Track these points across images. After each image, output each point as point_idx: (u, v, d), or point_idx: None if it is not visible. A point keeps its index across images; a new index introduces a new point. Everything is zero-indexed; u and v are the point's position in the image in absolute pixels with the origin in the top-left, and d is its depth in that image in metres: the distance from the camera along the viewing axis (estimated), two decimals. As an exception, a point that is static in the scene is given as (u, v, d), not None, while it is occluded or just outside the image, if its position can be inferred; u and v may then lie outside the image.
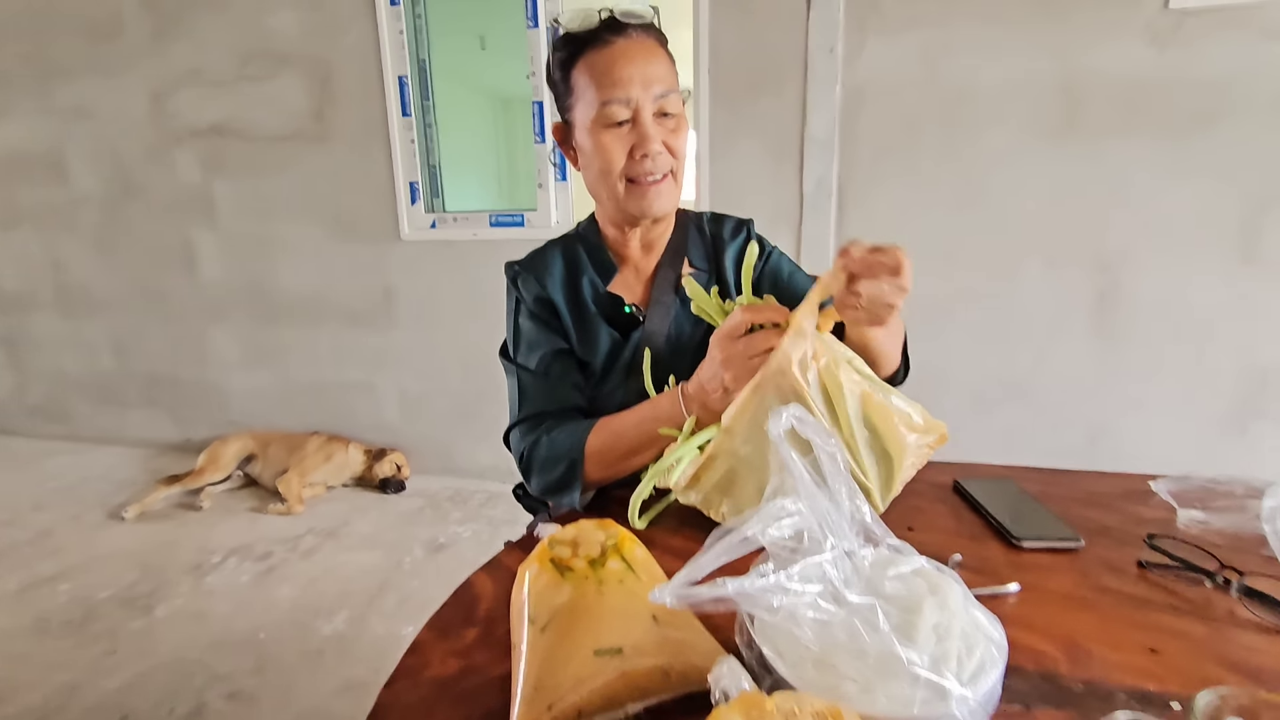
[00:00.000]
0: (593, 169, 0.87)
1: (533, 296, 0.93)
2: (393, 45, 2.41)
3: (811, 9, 2.03)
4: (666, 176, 0.87)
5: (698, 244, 0.99)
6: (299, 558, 2.16)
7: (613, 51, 0.82)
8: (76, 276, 3.04)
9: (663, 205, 0.87)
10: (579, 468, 0.81)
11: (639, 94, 0.82)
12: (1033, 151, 1.98)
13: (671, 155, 0.86)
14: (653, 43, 0.85)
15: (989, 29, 1.93)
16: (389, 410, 2.79)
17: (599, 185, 0.88)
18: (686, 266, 0.98)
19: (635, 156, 0.84)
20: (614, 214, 0.91)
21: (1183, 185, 1.90)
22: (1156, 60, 1.84)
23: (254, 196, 2.71)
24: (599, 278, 0.94)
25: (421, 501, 2.54)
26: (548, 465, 0.83)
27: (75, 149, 2.87)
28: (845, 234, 2.17)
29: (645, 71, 0.82)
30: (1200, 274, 1.94)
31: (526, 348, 0.92)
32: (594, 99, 0.82)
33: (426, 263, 2.58)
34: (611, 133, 0.83)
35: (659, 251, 0.97)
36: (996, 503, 0.76)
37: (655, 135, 0.83)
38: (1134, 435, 2.07)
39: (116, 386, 3.14)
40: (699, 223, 1.02)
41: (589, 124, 0.84)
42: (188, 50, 2.61)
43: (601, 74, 0.82)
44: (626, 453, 0.80)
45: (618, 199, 0.87)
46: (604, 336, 0.93)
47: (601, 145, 0.84)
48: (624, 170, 0.85)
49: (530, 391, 0.91)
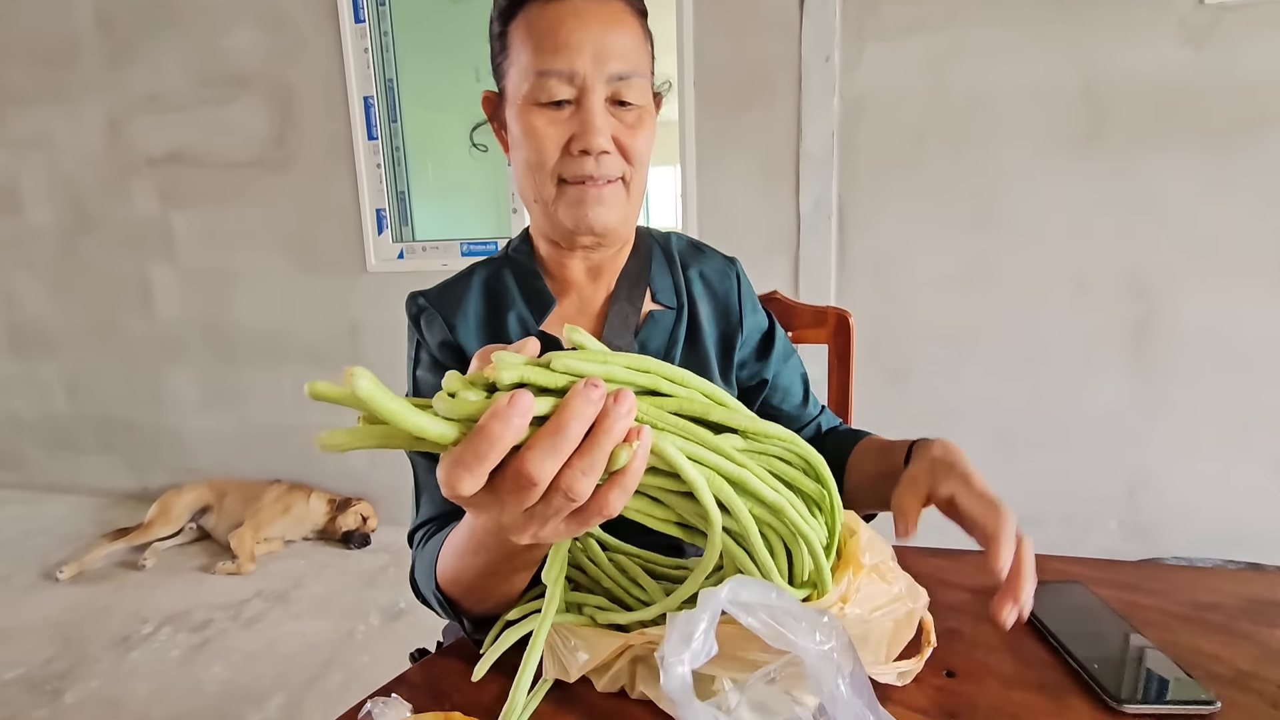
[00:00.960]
0: (519, 159, 0.64)
1: (437, 342, 0.70)
2: (357, 64, 2.25)
3: (805, 14, 1.86)
4: (615, 183, 0.63)
5: (665, 273, 0.75)
6: (239, 627, 1.91)
7: (562, 9, 0.59)
8: (29, 315, 2.86)
9: (604, 217, 0.63)
10: (445, 603, 0.59)
11: (587, 68, 0.59)
12: (1055, 165, 1.78)
13: (624, 158, 0.63)
14: (620, 6, 0.62)
15: (1001, 31, 1.75)
16: (355, 456, 2.56)
17: (525, 183, 0.65)
18: (649, 301, 0.74)
19: (573, 151, 0.61)
20: (544, 223, 0.68)
21: (1227, 201, 1.68)
22: (1193, 61, 1.65)
23: (213, 227, 2.53)
24: (530, 314, 0.70)
25: (386, 558, 2.30)
26: (422, 597, 0.64)
27: (30, 180, 2.71)
28: (848, 258, 1.96)
29: (602, 41, 0.59)
30: (1250, 301, 1.71)
31: None
32: (529, 66, 0.60)
33: (394, 295, 2.38)
34: (545, 114, 0.60)
35: (611, 279, 0.73)
36: (1071, 628, 0.53)
37: (603, 127, 0.60)
38: (1182, 483, 1.83)
39: (70, 431, 2.93)
40: (667, 246, 0.78)
41: (520, 99, 0.61)
42: (145, 75, 2.47)
43: (542, 35, 0.59)
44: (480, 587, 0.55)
45: (546, 203, 0.64)
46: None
47: (531, 129, 0.61)
48: (556, 166, 0.62)
49: (425, 486, 0.70)
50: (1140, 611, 0.57)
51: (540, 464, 0.33)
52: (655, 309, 0.73)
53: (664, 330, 0.73)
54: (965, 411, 1.95)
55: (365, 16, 2.22)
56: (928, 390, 1.97)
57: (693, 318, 0.75)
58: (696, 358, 0.74)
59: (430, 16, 2.28)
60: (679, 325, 0.74)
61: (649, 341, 0.73)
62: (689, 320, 0.74)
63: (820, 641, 0.24)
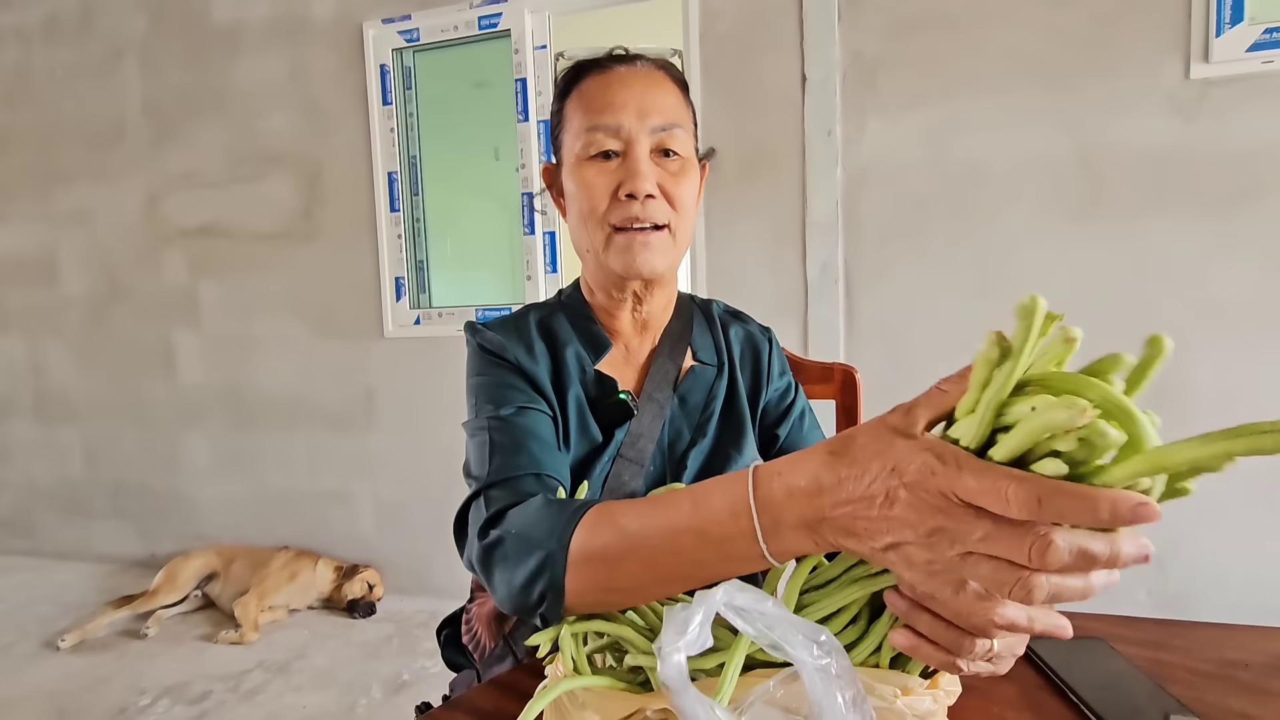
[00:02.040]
0: (573, 214, 0.70)
1: (507, 359, 0.71)
2: (383, 143, 2.37)
3: (807, 94, 1.95)
4: (663, 229, 0.67)
5: (705, 334, 0.80)
6: (239, 699, 1.86)
7: (609, 76, 0.68)
8: (56, 381, 2.93)
9: (652, 263, 0.67)
10: (557, 568, 0.48)
11: (632, 123, 0.66)
12: (1056, 232, 1.81)
13: (670, 204, 0.67)
14: (662, 75, 0.70)
15: (996, 104, 1.83)
16: (364, 522, 2.54)
17: (580, 234, 0.71)
18: (690, 358, 0.77)
19: (621, 196, 0.66)
20: (596, 274, 0.73)
21: (1232, 264, 1.70)
22: (1184, 132, 1.70)
23: (238, 295, 2.62)
24: (588, 352, 0.73)
25: (391, 628, 2.24)
26: (514, 554, 0.51)
27: (68, 252, 2.83)
28: (856, 320, 1.98)
29: (644, 99, 0.66)
30: (1264, 362, 1.70)
31: (499, 396, 0.67)
32: (580, 126, 0.67)
33: (410, 361, 2.43)
34: (596, 165, 0.67)
35: (655, 334, 0.77)
36: (1095, 685, 0.51)
37: (648, 174, 0.65)
38: (1210, 551, 1.77)
39: (84, 497, 2.94)
40: (708, 310, 0.83)
41: (574, 158, 0.68)
42: (184, 154, 2.61)
43: (591, 98, 0.67)
44: (640, 572, 0.46)
45: (599, 252, 0.68)
46: (581, 432, 0.70)
47: (583, 180, 0.67)
48: (606, 213, 0.67)
49: (503, 443, 0.63)
50: (1165, 669, 0.55)
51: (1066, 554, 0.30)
52: (696, 365, 0.77)
53: (704, 385, 0.77)
54: (982, 476, 1.92)
55: (393, 100, 2.36)
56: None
57: (731, 377, 0.78)
58: (734, 414, 0.77)
59: (453, 99, 2.41)
60: (719, 381, 0.78)
61: (689, 395, 0.76)
62: (729, 379, 0.78)
63: (818, 656, 0.24)
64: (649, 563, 0.45)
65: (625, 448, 0.71)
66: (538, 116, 2.25)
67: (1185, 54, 1.69)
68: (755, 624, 0.25)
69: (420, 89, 2.41)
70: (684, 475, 0.73)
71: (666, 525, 0.44)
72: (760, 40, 1.99)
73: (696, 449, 0.74)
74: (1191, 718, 0.48)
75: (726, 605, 0.24)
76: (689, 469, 0.73)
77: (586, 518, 0.49)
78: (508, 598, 0.51)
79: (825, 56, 1.92)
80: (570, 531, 0.48)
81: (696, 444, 0.74)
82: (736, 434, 0.76)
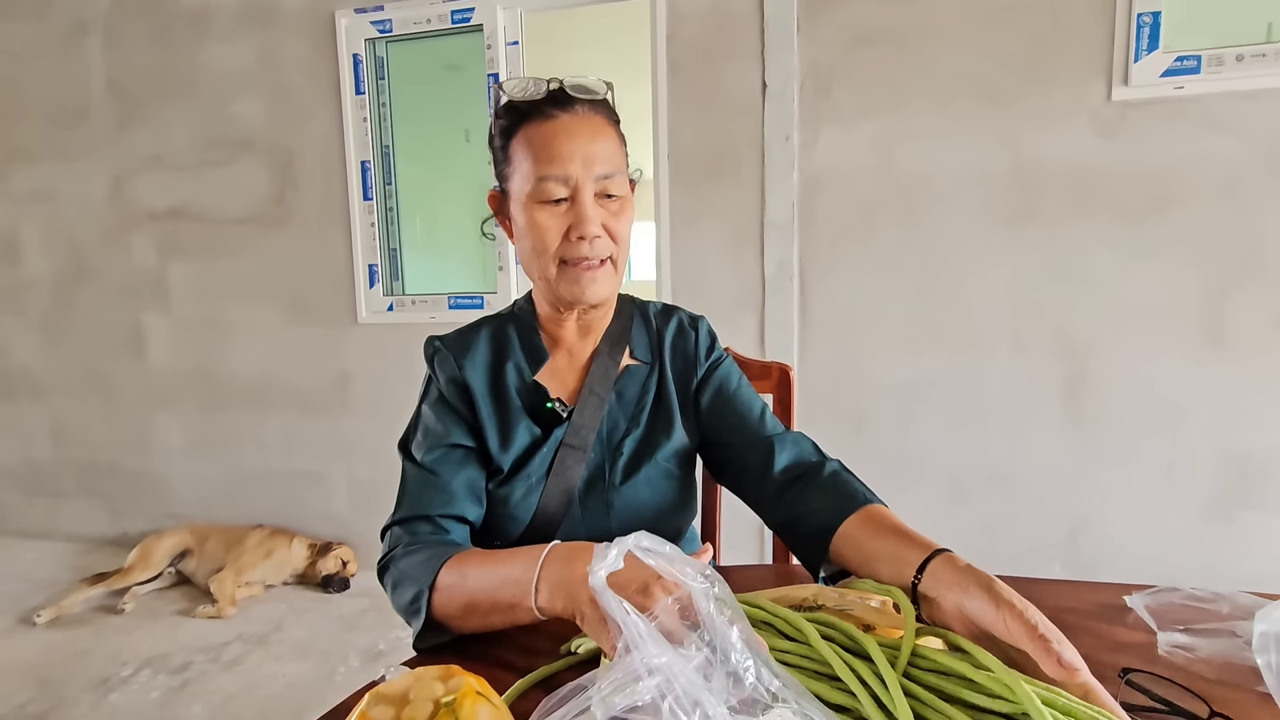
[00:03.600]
0: (525, 246, 0.80)
1: (447, 378, 0.84)
2: (356, 132, 2.42)
3: (766, 100, 2.07)
4: (605, 263, 0.79)
5: (642, 334, 0.91)
6: (220, 669, 1.95)
7: (554, 126, 0.75)
8: (18, 360, 2.92)
9: (597, 292, 0.79)
10: (423, 600, 0.67)
11: (579, 172, 0.75)
12: (991, 236, 1.98)
13: (612, 240, 0.79)
14: (600, 120, 0.78)
15: (939, 118, 1.97)
16: (338, 501, 2.63)
17: (531, 264, 0.81)
18: (627, 357, 0.89)
19: (571, 238, 0.77)
20: (547, 294, 0.84)
21: (1143, 270, 1.89)
22: (1105, 149, 1.87)
23: (209, 279, 2.65)
24: (527, 364, 0.85)
25: (365, 602, 2.35)
26: (399, 586, 0.71)
27: (31, 231, 2.82)
28: (808, 316, 2.13)
29: (588, 149, 0.75)
30: (1168, 358, 1.90)
31: (423, 438, 0.83)
32: (530, 173, 0.76)
33: (383, 346, 2.50)
34: (547, 210, 0.76)
35: (596, 337, 0.88)
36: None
37: (594, 217, 0.76)
38: (1116, 527, 1.97)
39: (51, 476, 2.96)
40: (645, 311, 0.94)
41: (524, 198, 0.77)
42: (151, 136, 2.62)
43: (540, 148, 0.75)
44: (474, 607, 0.65)
45: (549, 280, 0.80)
46: (522, 430, 0.83)
47: (535, 223, 0.77)
48: (558, 251, 0.78)
49: (413, 488, 0.80)
50: (1015, 617, 0.69)
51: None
52: (632, 364, 0.89)
53: (638, 381, 0.89)
54: (918, 460, 2.09)
55: (365, 89, 2.40)
56: (883, 440, 2.12)
57: (661, 372, 0.90)
58: (663, 406, 0.89)
59: (425, 82, 2.47)
60: (651, 377, 0.89)
61: (625, 390, 0.88)
62: (659, 374, 0.90)
63: (703, 582, 0.36)
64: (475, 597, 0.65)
65: (569, 437, 0.83)
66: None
67: (1108, 77, 1.85)
68: (656, 559, 0.37)
69: (392, 74, 2.46)
70: (620, 460, 0.85)
71: (490, 573, 0.65)
72: (724, 47, 2.10)
73: (630, 437, 0.86)
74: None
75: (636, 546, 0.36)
76: (624, 454, 0.86)
77: (446, 565, 0.68)
78: (399, 610, 0.72)
79: (784, 65, 2.04)
80: (434, 575, 0.68)
81: (630, 433, 0.87)
82: (666, 423, 0.88)
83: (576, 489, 0.83)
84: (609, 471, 0.85)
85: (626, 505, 0.85)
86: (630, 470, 0.86)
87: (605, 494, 0.85)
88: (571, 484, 0.83)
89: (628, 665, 0.32)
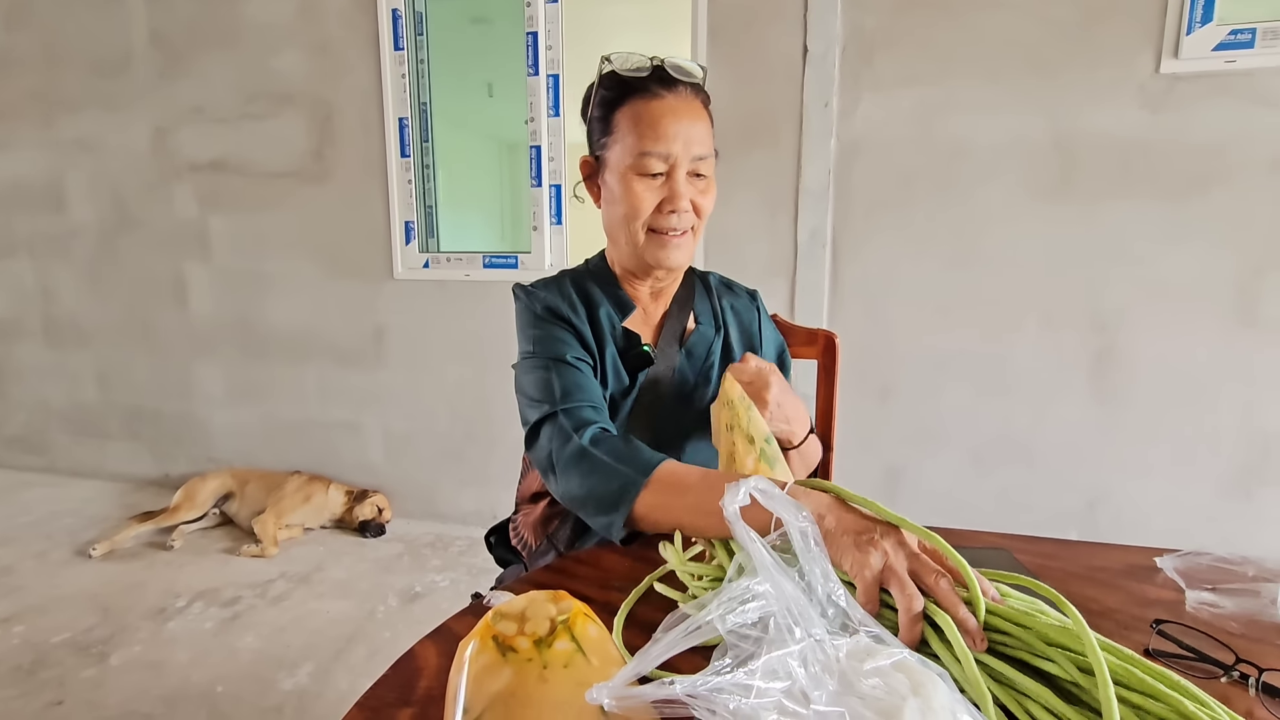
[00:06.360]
0: (616, 211, 0.87)
1: (549, 308, 0.89)
2: (395, 88, 2.44)
3: (807, 65, 2.06)
4: (687, 233, 0.86)
5: (704, 301, 0.99)
6: (267, 604, 2.06)
7: (661, 105, 0.82)
8: (65, 307, 3.01)
9: (678, 259, 0.87)
10: (636, 490, 0.70)
11: (679, 151, 0.82)
12: (1028, 209, 1.98)
13: (696, 214, 0.86)
14: (698, 104, 0.85)
15: (983, 88, 1.95)
16: (373, 451, 2.72)
17: (619, 228, 0.87)
18: (692, 321, 0.97)
19: (663, 210, 0.84)
20: (628, 258, 0.90)
21: (1179, 247, 1.89)
22: (1150, 123, 1.85)
23: (249, 232, 2.70)
24: (615, 312, 0.92)
25: (400, 547, 2.46)
26: (605, 471, 0.73)
27: (75, 180, 2.88)
28: (839, 283, 2.15)
29: (689, 131, 0.82)
30: (1199, 337, 1.91)
31: (558, 343, 0.86)
32: (634, 146, 0.82)
33: (418, 302, 2.56)
34: (644, 181, 0.83)
35: (666, 301, 0.96)
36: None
37: (686, 194, 0.83)
38: (1135, 501, 2.01)
39: (97, 419, 3.08)
40: (706, 280, 1.02)
41: (623, 168, 0.84)
42: (193, 88, 2.65)
43: (647, 125, 0.81)
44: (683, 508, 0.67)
45: (636, 245, 0.86)
46: (613, 378, 0.90)
47: (632, 191, 0.83)
48: (649, 220, 0.85)
49: (572, 382, 0.83)
50: (1047, 572, 0.75)
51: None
52: (698, 326, 0.97)
53: (705, 343, 0.96)
54: (943, 429, 2.13)
55: (404, 45, 2.41)
56: (910, 408, 2.16)
57: (726, 338, 0.98)
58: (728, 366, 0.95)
59: (456, 40, 2.47)
60: (716, 339, 0.97)
61: (694, 349, 0.95)
62: (724, 339, 0.97)
63: (801, 520, 0.42)
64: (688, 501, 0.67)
65: (644, 391, 0.90)
66: (547, 70, 2.32)
67: (1158, 49, 1.82)
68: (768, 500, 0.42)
69: (430, 33, 2.46)
70: (690, 411, 0.93)
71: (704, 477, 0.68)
72: (766, 9, 2.08)
73: (699, 392, 0.94)
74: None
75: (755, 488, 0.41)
76: (695, 408, 0.94)
77: (664, 463, 0.72)
78: (584, 498, 0.73)
79: (827, 30, 2.02)
80: (654, 465, 0.71)
81: (699, 388, 0.94)
82: None
83: (651, 436, 0.89)
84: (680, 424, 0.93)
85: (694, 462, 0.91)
86: (697, 425, 0.93)
87: (675, 445, 0.92)
88: (647, 430, 0.89)
89: (738, 589, 0.38)
